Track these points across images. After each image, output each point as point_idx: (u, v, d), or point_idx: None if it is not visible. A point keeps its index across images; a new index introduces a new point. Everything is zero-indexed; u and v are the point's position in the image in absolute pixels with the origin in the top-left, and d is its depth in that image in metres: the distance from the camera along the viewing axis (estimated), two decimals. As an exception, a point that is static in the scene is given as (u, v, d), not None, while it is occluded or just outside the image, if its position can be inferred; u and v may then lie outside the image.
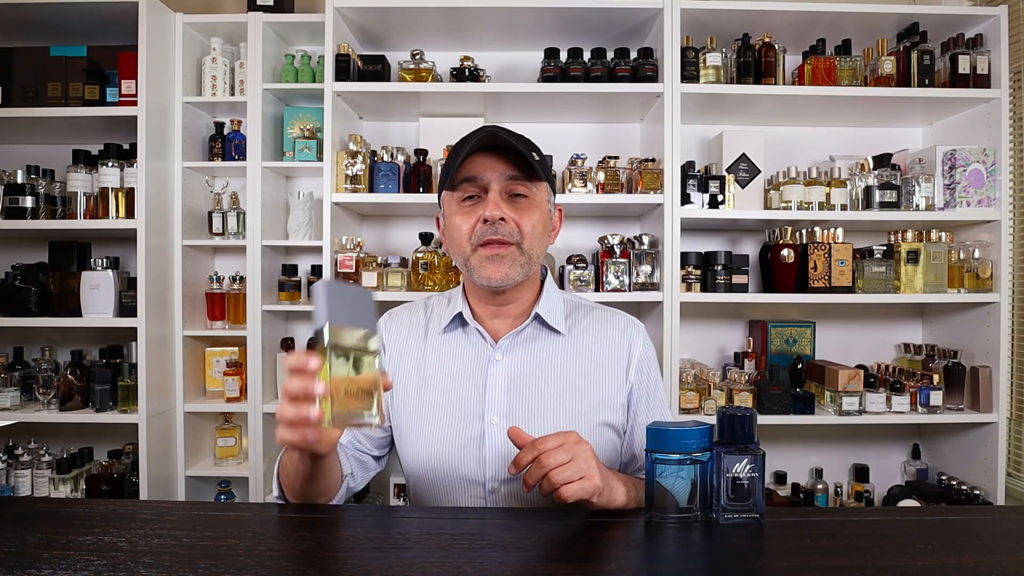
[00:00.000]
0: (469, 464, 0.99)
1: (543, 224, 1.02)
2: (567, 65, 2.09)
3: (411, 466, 1.04)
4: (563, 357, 1.05)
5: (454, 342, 1.07)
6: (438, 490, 1.01)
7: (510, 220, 0.98)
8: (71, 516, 0.79)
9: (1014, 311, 2.12)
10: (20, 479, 2.10)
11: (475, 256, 0.99)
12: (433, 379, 1.04)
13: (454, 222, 1.01)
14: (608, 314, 1.11)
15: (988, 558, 0.68)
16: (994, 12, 2.05)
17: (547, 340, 1.06)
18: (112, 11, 2.03)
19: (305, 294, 2.29)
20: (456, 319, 1.06)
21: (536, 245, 1.01)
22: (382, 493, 2.22)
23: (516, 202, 1.00)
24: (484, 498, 1.00)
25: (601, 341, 1.07)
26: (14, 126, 2.15)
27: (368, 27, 2.19)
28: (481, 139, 0.97)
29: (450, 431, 1.01)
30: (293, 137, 2.22)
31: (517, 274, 0.99)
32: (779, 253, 2.08)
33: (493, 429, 0.99)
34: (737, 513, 0.77)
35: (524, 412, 1.01)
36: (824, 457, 2.37)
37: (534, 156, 0.98)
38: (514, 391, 1.02)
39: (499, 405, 1.01)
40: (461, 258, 1.01)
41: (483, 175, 0.98)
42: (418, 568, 0.64)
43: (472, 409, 1.01)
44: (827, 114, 2.26)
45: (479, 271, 0.99)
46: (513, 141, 0.97)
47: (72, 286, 2.08)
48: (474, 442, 1.00)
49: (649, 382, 1.09)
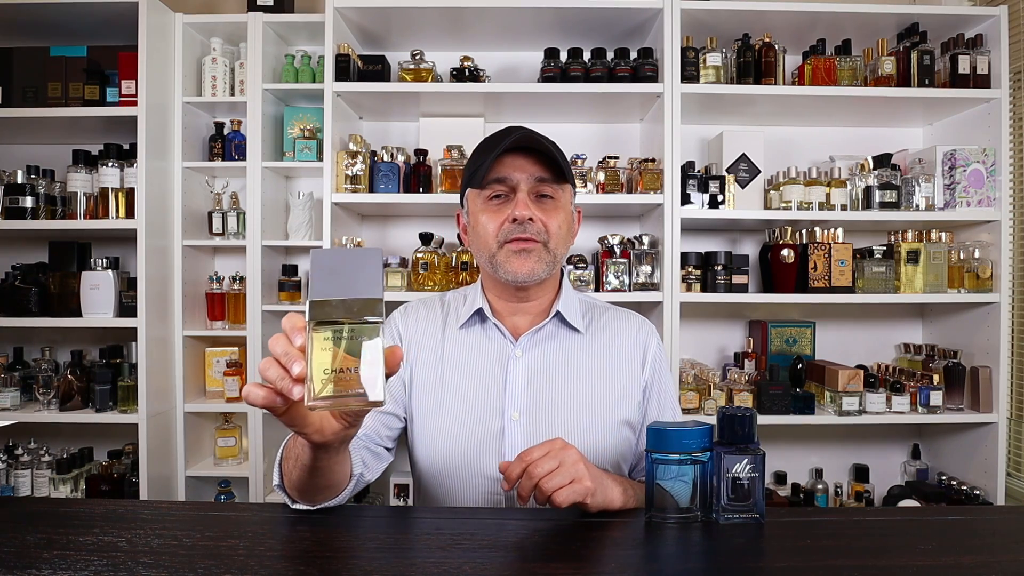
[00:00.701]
0: (488, 459, 1.00)
1: (567, 225, 1.06)
2: (567, 65, 2.09)
3: (425, 460, 1.03)
4: (582, 355, 1.07)
5: (473, 338, 1.08)
6: (453, 485, 1.01)
7: (537, 220, 1.00)
8: (71, 516, 0.79)
9: (1014, 311, 2.12)
10: (20, 479, 2.10)
11: (501, 252, 1.01)
12: (452, 373, 1.05)
13: (480, 220, 1.03)
14: (623, 314, 1.14)
15: (988, 558, 0.68)
16: (994, 12, 2.05)
17: (566, 338, 1.08)
18: (112, 11, 2.03)
19: (305, 294, 2.29)
20: (475, 315, 1.08)
21: (560, 244, 1.04)
22: (382, 493, 2.22)
23: (543, 203, 1.02)
24: (501, 493, 1.00)
25: (618, 340, 1.09)
26: (14, 126, 2.15)
27: (368, 27, 2.19)
28: (516, 140, 0.98)
29: (469, 426, 1.02)
30: (293, 137, 2.22)
31: (542, 271, 1.02)
32: (779, 253, 2.08)
33: (513, 425, 1.01)
34: (737, 513, 0.77)
35: (544, 408, 1.02)
36: (824, 457, 2.37)
37: (562, 160, 1.01)
38: (534, 387, 1.03)
39: (519, 401, 1.02)
40: (486, 255, 1.03)
41: (513, 175, 1.00)
42: (418, 568, 0.64)
43: (492, 405, 1.02)
44: (827, 114, 2.26)
45: (505, 266, 1.01)
46: (543, 143, 0.99)
47: (72, 286, 2.08)
48: (494, 438, 1.01)
49: (663, 380, 1.11)
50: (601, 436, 1.03)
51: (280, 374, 0.62)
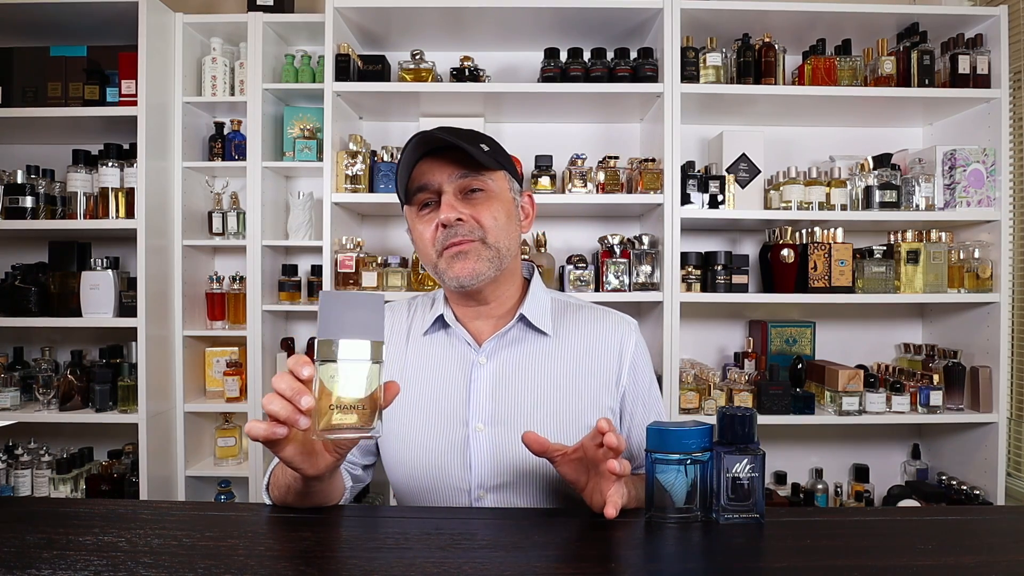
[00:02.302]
0: (454, 471, 0.97)
1: (506, 214, 0.97)
2: (567, 65, 2.09)
3: (394, 473, 1.01)
4: (550, 359, 1.00)
5: (436, 345, 1.03)
6: (423, 498, 0.99)
7: (467, 218, 0.93)
8: (71, 516, 0.79)
9: (1014, 311, 2.12)
10: (20, 479, 2.10)
11: (442, 260, 0.95)
12: (414, 384, 1.01)
13: (417, 231, 0.99)
14: (600, 313, 1.07)
15: (988, 558, 0.68)
16: (994, 12, 2.05)
17: (533, 342, 1.01)
18: (112, 11, 2.03)
19: (305, 294, 2.29)
20: (438, 321, 1.03)
21: (502, 237, 0.96)
22: (382, 493, 2.22)
23: (473, 198, 0.95)
24: (470, 505, 0.97)
25: (590, 342, 1.03)
26: (14, 126, 2.15)
27: (368, 27, 2.19)
28: (416, 145, 0.93)
29: (433, 437, 0.98)
30: (293, 137, 2.22)
31: (486, 268, 0.94)
32: (779, 253, 2.08)
33: (478, 435, 0.96)
34: (737, 513, 0.76)
35: (509, 417, 0.97)
36: (824, 457, 2.37)
37: (483, 147, 0.93)
38: (499, 396, 0.98)
39: (483, 410, 0.97)
40: (431, 266, 0.98)
41: (432, 180, 0.95)
42: (418, 568, 0.64)
43: (455, 415, 0.98)
44: (827, 114, 2.26)
45: (447, 273, 0.95)
46: (452, 138, 0.91)
47: (72, 286, 2.08)
48: (458, 448, 0.96)
49: (644, 382, 1.05)
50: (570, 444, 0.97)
51: (286, 407, 0.66)
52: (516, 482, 0.96)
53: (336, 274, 2.05)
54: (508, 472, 0.96)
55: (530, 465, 0.95)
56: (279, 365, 2.24)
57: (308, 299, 2.28)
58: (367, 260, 2.10)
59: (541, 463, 0.89)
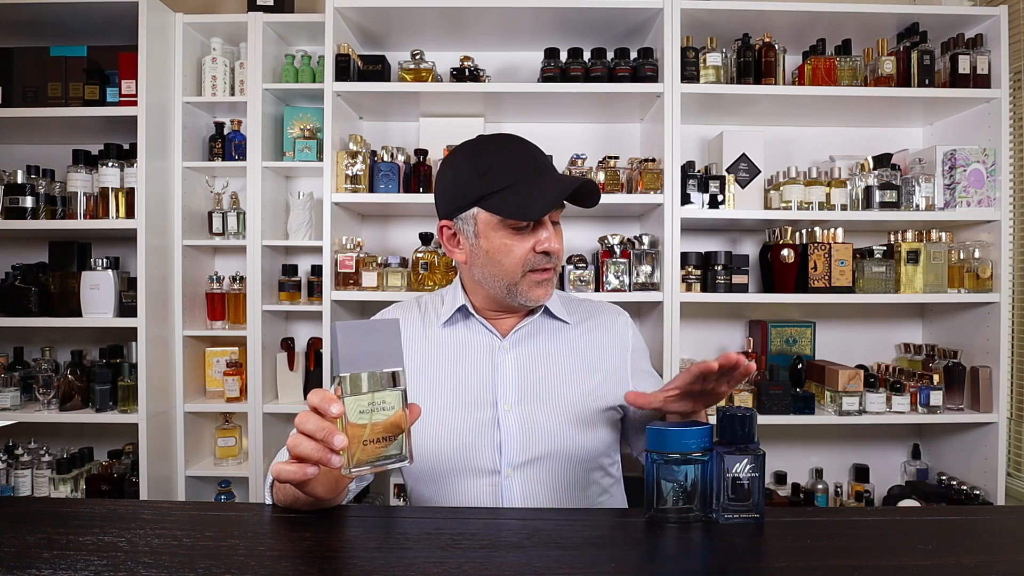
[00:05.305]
0: (484, 450, 1.01)
1: None
2: (567, 65, 2.09)
3: (419, 460, 1.03)
4: (569, 344, 1.10)
5: (457, 334, 1.09)
6: (446, 482, 1.01)
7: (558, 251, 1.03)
8: (71, 516, 0.79)
9: (1014, 311, 2.12)
10: (20, 479, 2.10)
11: (524, 280, 1.01)
12: (438, 369, 1.06)
13: (503, 246, 0.99)
14: (598, 305, 1.19)
15: (988, 558, 0.68)
16: (994, 12, 2.05)
17: (552, 330, 1.10)
18: (112, 11, 2.03)
19: (305, 294, 2.29)
20: (458, 312, 1.09)
21: None
22: (382, 493, 2.22)
23: (556, 229, 1.04)
24: (496, 485, 1.00)
25: (600, 329, 1.13)
26: (14, 126, 2.15)
27: (368, 27, 2.19)
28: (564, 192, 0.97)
29: (463, 419, 1.02)
30: (293, 137, 2.22)
31: (552, 293, 1.06)
32: (779, 253, 2.08)
33: (507, 415, 1.02)
34: (737, 513, 0.77)
35: (536, 397, 1.04)
36: (824, 457, 2.37)
37: None
38: (524, 376, 1.05)
39: (511, 391, 1.04)
40: (504, 281, 1.01)
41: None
42: (418, 568, 0.64)
43: (484, 397, 1.03)
44: (827, 114, 2.26)
45: (527, 294, 1.02)
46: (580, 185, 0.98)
47: (72, 286, 2.08)
48: (487, 429, 1.02)
49: (643, 356, 1.18)
50: (592, 421, 1.05)
51: (317, 448, 0.67)
52: (543, 457, 1.02)
53: (336, 274, 2.05)
54: (537, 447, 1.02)
55: (557, 440, 1.02)
56: (279, 365, 2.24)
57: (308, 299, 2.28)
58: (367, 260, 2.10)
59: (565, 437, 1.02)
